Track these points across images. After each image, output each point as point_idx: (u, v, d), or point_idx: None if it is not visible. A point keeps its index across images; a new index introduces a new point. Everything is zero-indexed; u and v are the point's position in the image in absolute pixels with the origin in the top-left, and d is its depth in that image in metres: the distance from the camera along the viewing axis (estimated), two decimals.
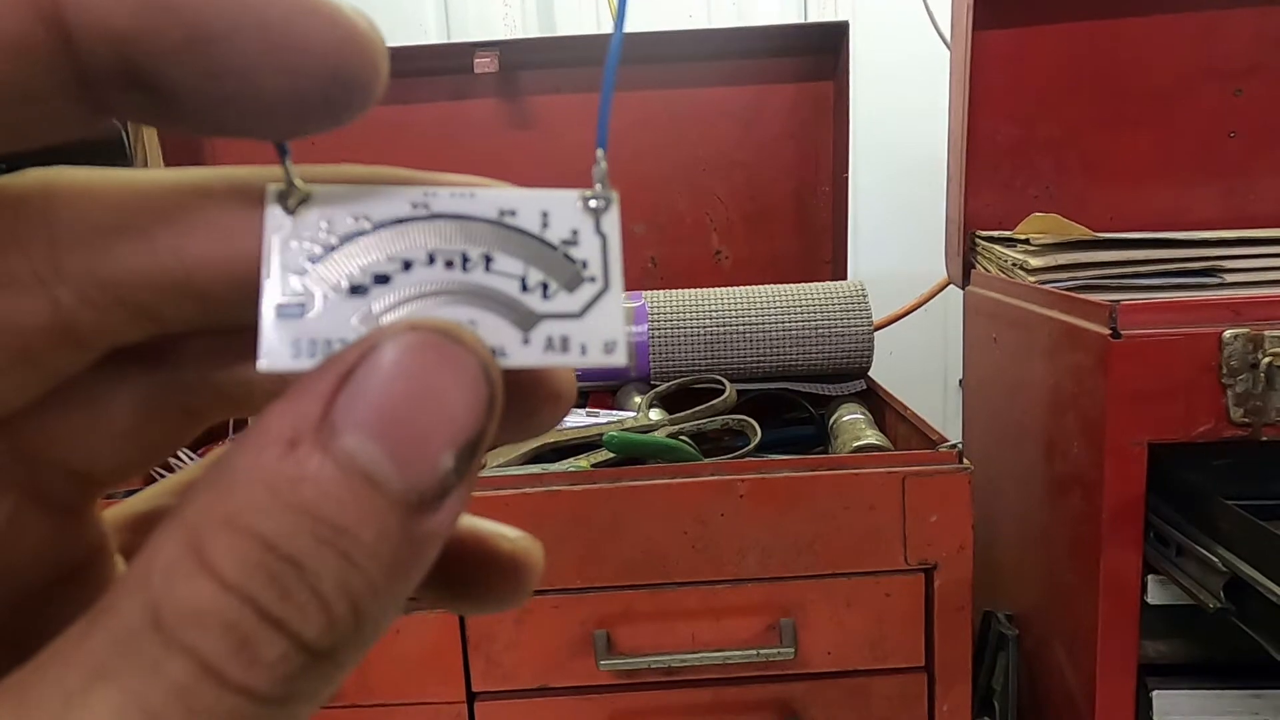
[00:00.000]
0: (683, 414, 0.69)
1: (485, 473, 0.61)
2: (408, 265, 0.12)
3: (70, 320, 0.11)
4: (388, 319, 0.11)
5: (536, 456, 0.66)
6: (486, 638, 0.57)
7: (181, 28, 0.09)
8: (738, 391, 0.72)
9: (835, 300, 0.77)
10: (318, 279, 0.11)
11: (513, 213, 0.12)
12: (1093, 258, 0.67)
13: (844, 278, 0.91)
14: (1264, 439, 0.53)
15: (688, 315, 0.76)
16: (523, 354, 0.12)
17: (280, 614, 0.09)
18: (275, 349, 0.11)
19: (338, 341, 0.11)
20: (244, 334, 0.12)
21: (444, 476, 0.10)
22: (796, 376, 0.77)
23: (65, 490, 0.13)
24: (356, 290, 0.12)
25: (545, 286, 0.12)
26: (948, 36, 0.89)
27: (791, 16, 1.12)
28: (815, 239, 0.94)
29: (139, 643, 0.09)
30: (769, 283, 0.80)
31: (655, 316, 0.76)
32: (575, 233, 0.12)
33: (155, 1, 0.09)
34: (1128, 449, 0.55)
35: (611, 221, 0.13)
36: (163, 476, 0.16)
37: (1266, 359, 0.52)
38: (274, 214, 0.12)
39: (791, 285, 0.79)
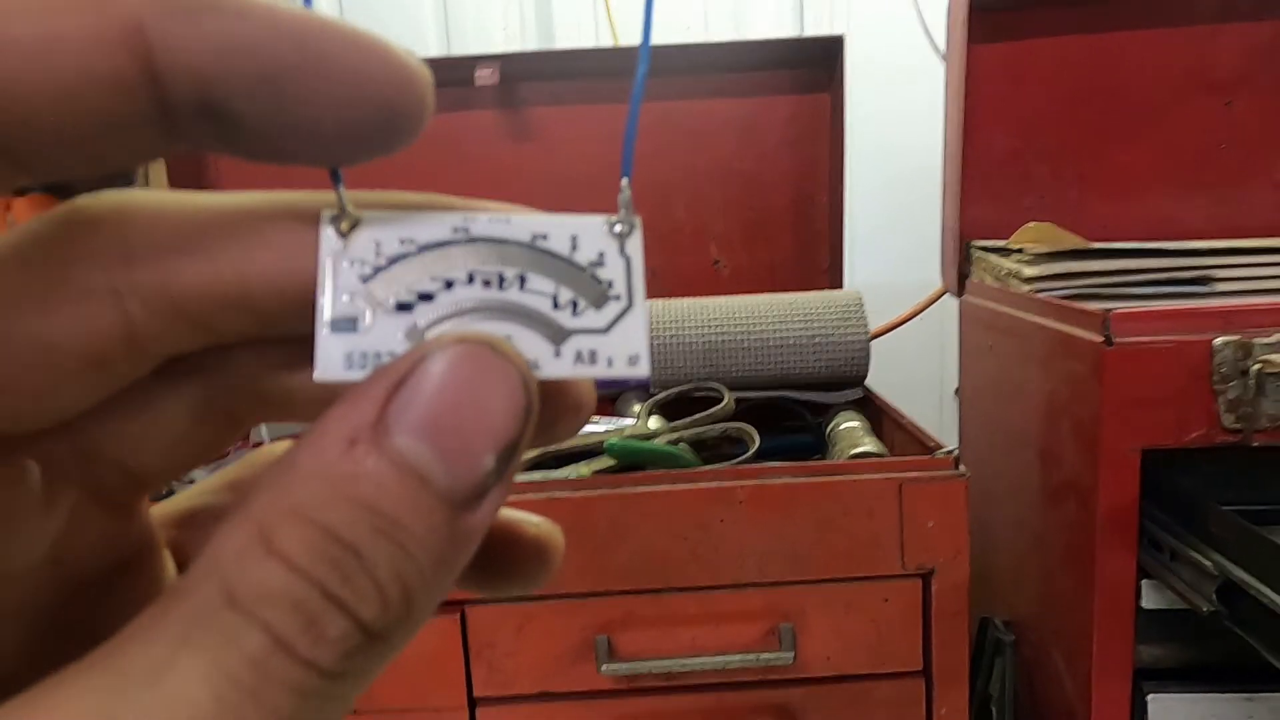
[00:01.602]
0: (682, 421, 0.70)
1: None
2: (449, 284, 0.13)
3: (137, 330, 0.12)
4: (432, 334, 0.12)
5: (538, 463, 0.66)
6: (488, 644, 0.57)
7: (256, 68, 0.10)
8: (736, 400, 0.72)
9: (832, 309, 0.78)
10: (368, 297, 0.12)
11: (545, 236, 0.13)
12: (1086, 267, 0.68)
13: (841, 287, 0.92)
14: (1255, 445, 0.54)
15: (687, 324, 0.77)
16: (555, 366, 0.13)
17: (342, 596, 0.10)
18: (330, 361, 0.12)
19: (386, 354, 0.12)
20: (289, 345, 0.13)
21: (485, 476, 0.11)
22: (794, 385, 0.78)
23: (121, 488, 0.13)
24: (403, 307, 0.12)
25: (575, 304, 0.13)
26: (943, 50, 0.90)
27: (788, 30, 1.14)
28: (812, 248, 0.95)
29: (217, 618, 0.09)
30: (767, 292, 0.81)
31: (655, 325, 0.77)
32: (602, 255, 0.13)
33: (234, 45, 0.10)
34: (1122, 455, 0.55)
35: (635, 245, 0.14)
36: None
37: (1257, 366, 0.53)
38: (328, 236, 0.12)
39: (789, 294, 0.79)
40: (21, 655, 0.13)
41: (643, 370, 0.13)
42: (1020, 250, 0.71)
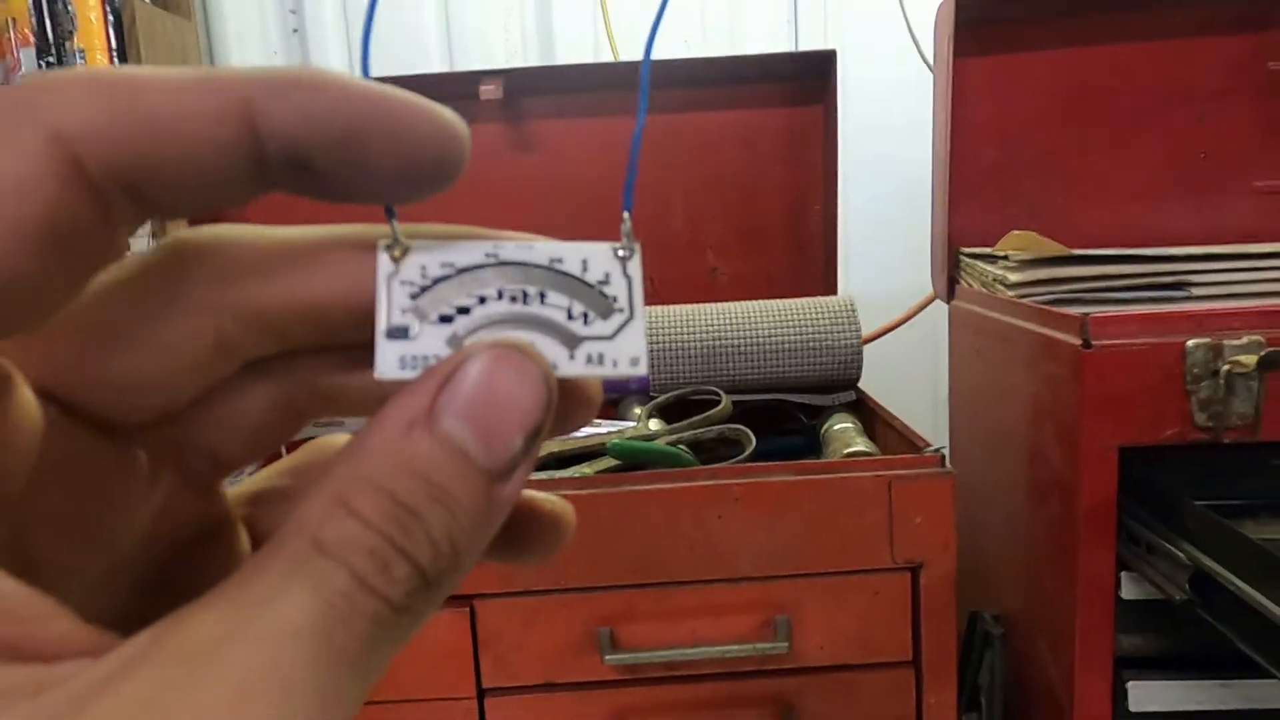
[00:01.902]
0: (680, 424, 0.72)
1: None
2: (483, 299, 0.16)
3: (228, 339, 0.14)
4: (469, 341, 0.15)
5: (542, 465, 0.69)
6: (495, 637, 0.60)
7: (334, 132, 0.13)
8: (733, 402, 0.75)
9: (826, 315, 0.81)
10: (417, 311, 0.15)
11: (560, 260, 0.16)
12: (1068, 273, 0.71)
13: (834, 293, 0.95)
14: (1226, 442, 0.56)
15: (685, 330, 0.80)
16: (569, 366, 0.15)
17: (406, 547, 0.13)
18: (386, 363, 0.15)
19: (432, 357, 0.15)
20: (346, 351, 0.16)
21: (515, 455, 0.14)
22: (789, 388, 0.81)
23: (207, 471, 0.16)
24: (445, 319, 0.15)
25: (586, 315, 0.16)
26: (932, 63, 0.93)
27: (783, 45, 1.17)
28: (807, 256, 0.98)
29: (311, 562, 0.12)
30: (762, 298, 0.83)
31: (655, 331, 0.79)
32: (608, 275, 0.16)
33: (316, 114, 0.13)
34: (1100, 453, 0.58)
35: (635, 266, 0.16)
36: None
37: (1227, 366, 0.56)
38: (384, 261, 0.15)
39: (784, 300, 0.82)
40: (128, 608, 0.16)
41: (642, 370, 0.16)
42: (1005, 257, 0.74)
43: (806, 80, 0.95)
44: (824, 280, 0.97)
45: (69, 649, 0.11)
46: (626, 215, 0.17)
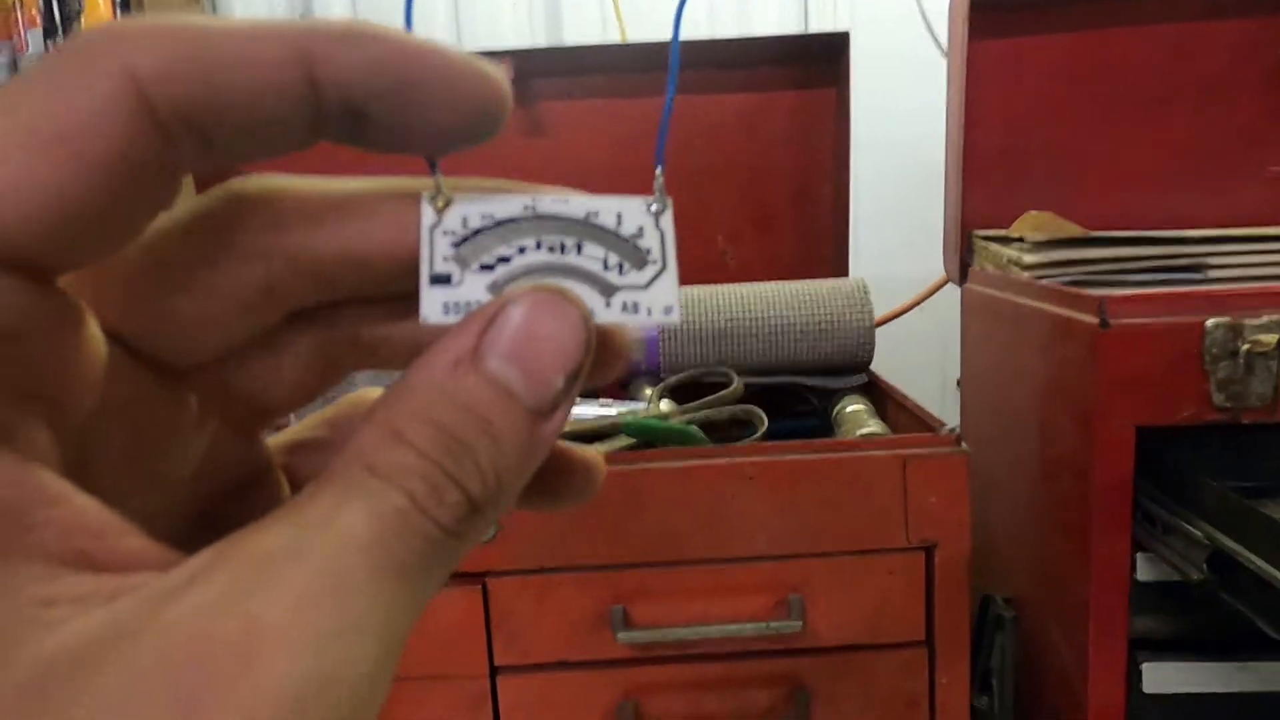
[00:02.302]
0: (692, 405, 0.72)
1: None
2: (522, 250, 0.16)
3: (277, 286, 0.15)
4: (510, 288, 0.15)
5: None
6: (508, 615, 0.60)
7: (388, 81, 0.13)
8: (744, 384, 0.75)
9: (838, 297, 0.80)
10: (459, 259, 0.15)
11: (596, 213, 0.16)
12: (1084, 255, 0.70)
13: (845, 276, 0.94)
14: (1245, 422, 0.56)
15: (696, 312, 0.79)
16: (605, 314, 0.16)
17: (456, 474, 0.13)
18: (432, 308, 0.15)
19: (475, 303, 0.15)
20: (385, 303, 0.16)
21: (556, 394, 0.14)
22: (801, 370, 0.80)
23: (250, 417, 0.17)
24: (486, 267, 0.16)
25: (621, 266, 0.16)
26: (945, 46, 0.93)
27: (793, 27, 1.16)
28: (817, 240, 0.97)
29: (368, 483, 0.12)
30: (773, 281, 0.83)
31: None
32: (641, 229, 0.16)
33: (372, 64, 0.13)
34: (1116, 433, 0.58)
35: (667, 221, 0.17)
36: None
37: (1246, 346, 0.55)
38: (427, 212, 0.15)
39: (795, 283, 0.82)
40: (178, 543, 0.16)
41: (675, 318, 0.16)
42: (1021, 239, 0.74)
43: (818, 62, 0.94)
44: (834, 263, 0.96)
45: (139, 562, 0.12)
46: (659, 171, 0.17)
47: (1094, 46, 0.86)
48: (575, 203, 0.16)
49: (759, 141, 0.97)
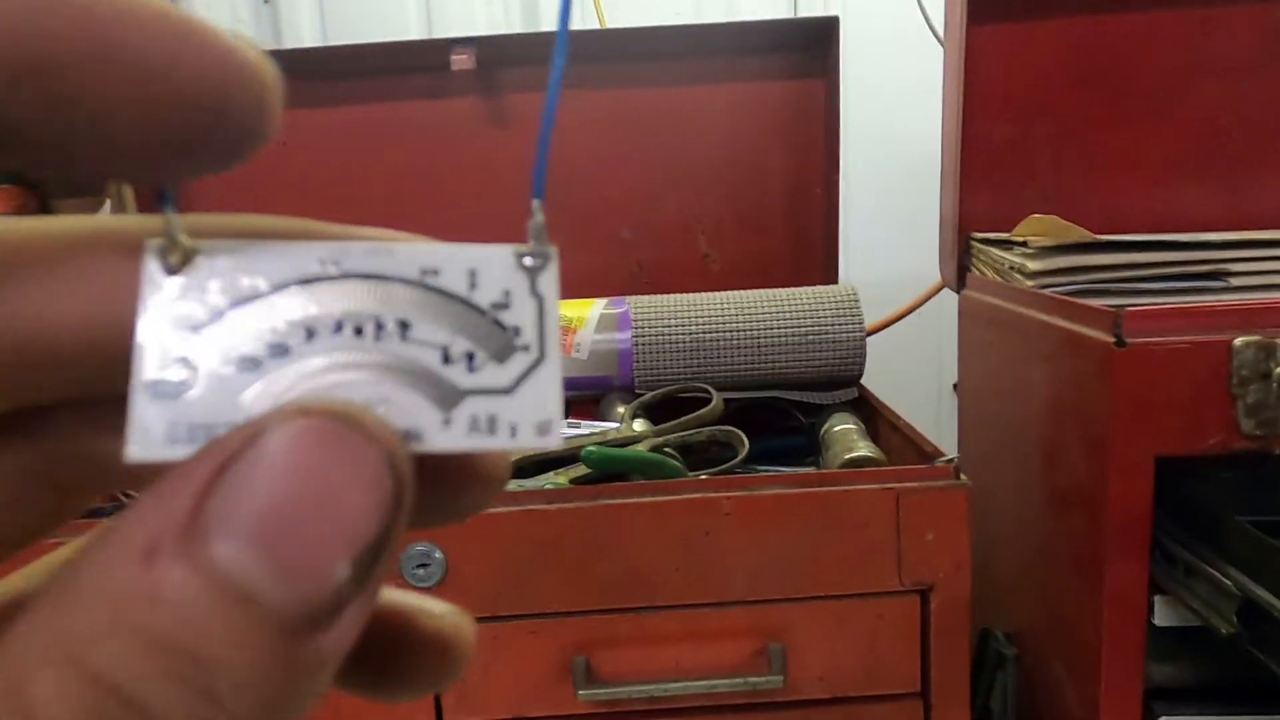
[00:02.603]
0: (668, 425, 0.66)
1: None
2: (311, 334, 0.10)
3: None
4: (286, 399, 0.10)
5: (513, 471, 0.63)
6: None
7: (20, 53, 0.08)
8: (725, 400, 0.69)
9: (826, 305, 0.74)
10: (202, 351, 0.10)
11: (435, 271, 0.11)
12: (1093, 261, 0.64)
13: (835, 281, 0.88)
14: (1277, 452, 0.50)
15: (673, 321, 0.73)
16: (443, 437, 0.10)
17: None
18: (148, 434, 0.10)
19: (223, 426, 0.10)
20: (120, 403, 0.10)
21: (339, 589, 0.09)
22: (786, 384, 0.75)
23: None
24: (248, 364, 0.10)
25: (471, 358, 0.11)
26: (941, 32, 0.86)
27: (781, 11, 1.10)
28: (806, 241, 0.91)
29: None
30: (758, 287, 0.77)
31: (640, 323, 0.73)
32: (507, 294, 0.11)
33: (36, 14, 0.08)
34: (1134, 463, 0.52)
35: (549, 282, 0.11)
36: None
37: (1279, 369, 0.49)
38: (152, 272, 0.10)
39: (781, 290, 0.76)
40: None
41: (554, 442, 0.11)
42: (1024, 243, 0.68)
43: (806, 50, 0.88)
44: (824, 268, 0.90)
45: None
46: (536, 203, 0.12)
47: (1104, 31, 0.80)
48: (403, 254, 0.11)
49: (744, 135, 0.90)
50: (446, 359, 0.11)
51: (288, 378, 0.10)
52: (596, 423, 0.69)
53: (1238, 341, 0.50)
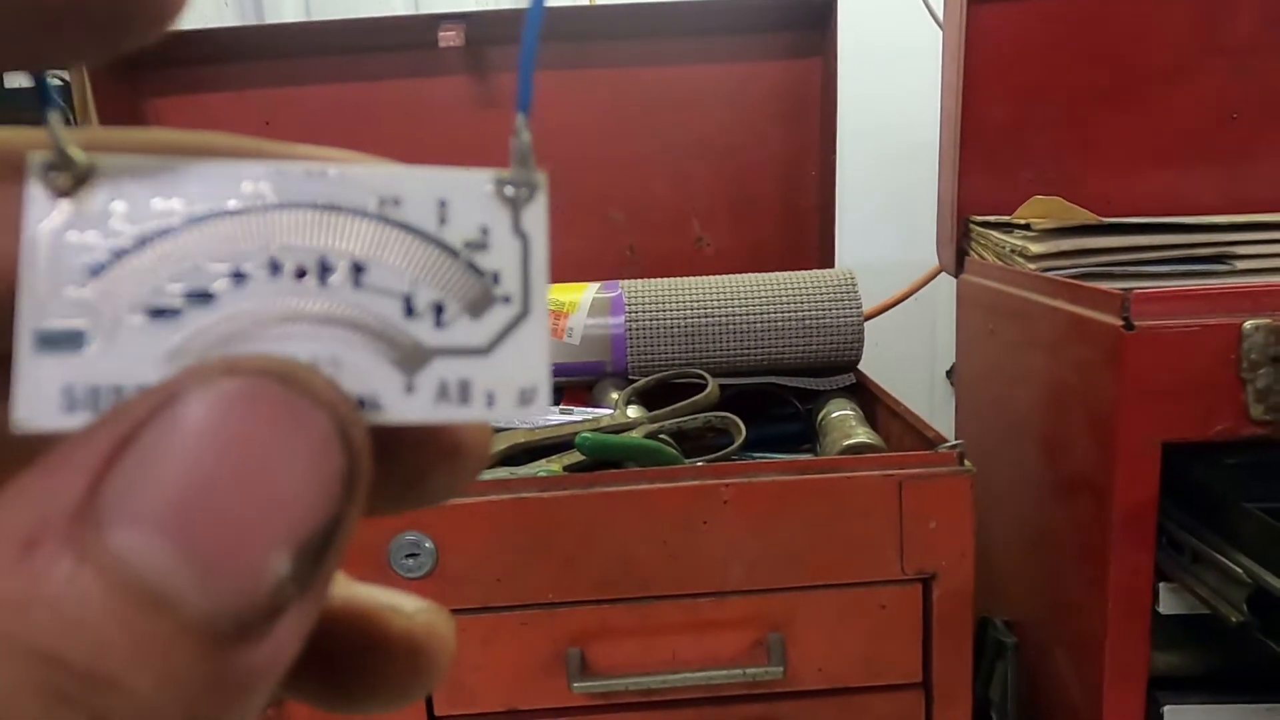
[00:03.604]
0: (662, 411, 0.65)
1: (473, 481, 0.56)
2: (241, 277, 0.08)
3: None
4: (210, 356, 0.08)
5: (505, 459, 0.61)
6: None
7: None
8: (721, 386, 0.67)
9: (823, 289, 0.73)
10: (105, 295, 0.08)
11: (396, 201, 0.09)
12: (1098, 244, 0.63)
13: (832, 265, 0.87)
14: None
15: (668, 306, 0.72)
16: (405, 406, 0.08)
17: None
18: (39, 397, 0.08)
19: (134, 389, 0.08)
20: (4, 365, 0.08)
21: (276, 588, 0.07)
22: (783, 370, 0.73)
23: None
24: (163, 313, 0.08)
25: (439, 310, 0.09)
26: (939, 12, 0.85)
27: None
28: (802, 225, 0.90)
29: None
30: (753, 271, 0.75)
31: (633, 308, 0.71)
32: (485, 231, 0.09)
33: None
34: (1140, 449, 0.51)
35: (536, 217, 0.09)
36: None
37: None
38: (38, 197, 0.08)
39: (777, 274, 0.74)
40: None
41: (539, 411, 0.09)
42: (1026, 226, 0.66)
43: (803, 30, 0.86)
44: (820, 252, 0.89)
45: None
46: (521, 118, 0.10)
47: (1106, 11, 0.78)
48: (356, 180, 0.09)
49: (738, 117, 0.88)
50: (410, 311, 0.09)
51: (212, 331, 0.08)
52: (590, 409, 0.67)
53: (1247, 325, 0.49)
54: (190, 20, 1.19)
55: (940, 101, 0.82)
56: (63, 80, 1.08)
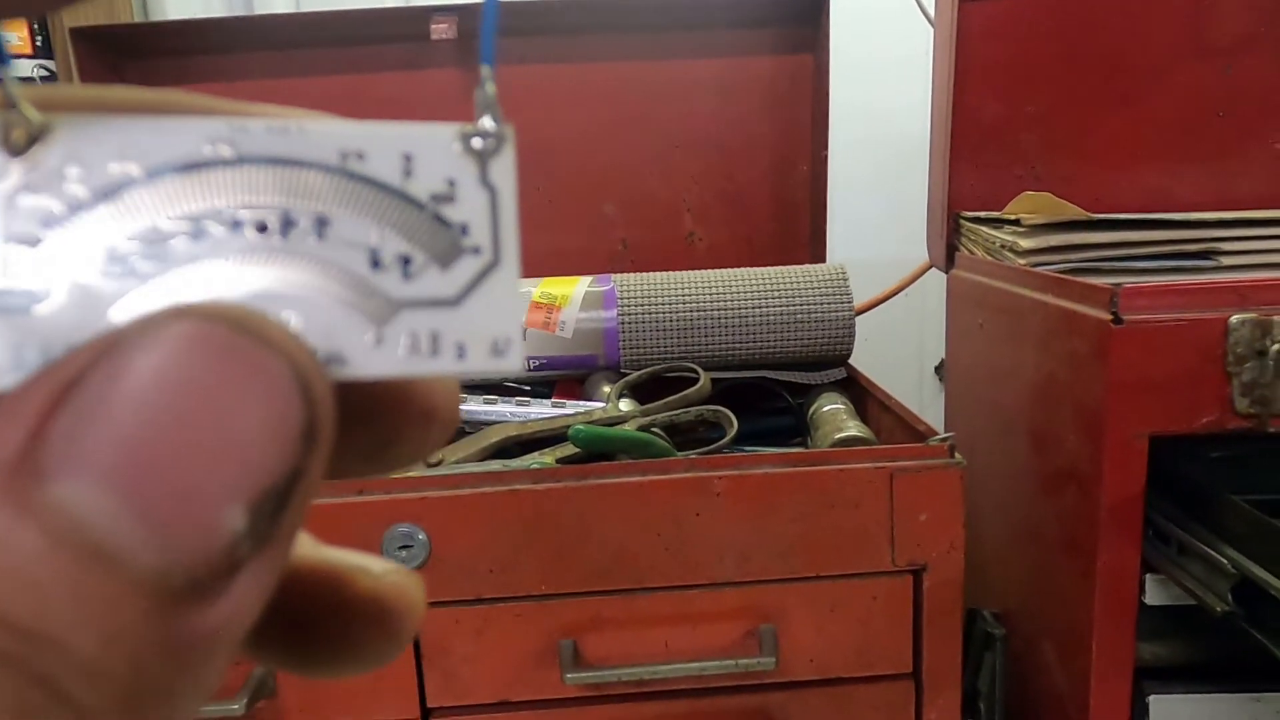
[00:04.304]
0: (655, 405, 0.65)
1: (437, 470, 0.56)
2: (200, 233, 0.08)
3: None
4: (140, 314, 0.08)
5: (498, 451, 0.61)
6: (442, 650, 0.52)
7: None
8: (713, 380, 0.67)
9: (815, 284, 0.73)
10: (58, 255, 0.08)
11: (360, 155, 0.09)
12: (1086, 239, 0.64)
13: (823, 260, 0.87)
14: (1271, 431, 0.50)
15: (660, 300, 0.72)
16: (374, 360, 0.08)
17: None
18: None
19: (76, 344, 0.08)
20: None
21: (231, 543, 0.07)
22: (774, 364, 0.73)
23: None
24: (119, 271, 0.08)
25: (406, 262, 0.09)
26: (930, 9, 0.85)
27: None
28: (793, 220, 0.90)
29: None
30: (745, 266, 0.76)
31: (625, 301, 0.71)
32: (452, 184, 0.09)
33: None
34: (1128, 442, 0.51)
35: (504, 169, 0.09)
36: None
37: (1275, 346, 0.49)
38: None
39: (769, 268, 0.75)
40: None
41: (512, 362, 0.09)
42: (1015, 221, 0.67)
43: (795, 25, 0.86)
44: (811, 247, 0.89)
45: None
46: (486, 69, 0.10)
47: (1096, 9, 0.79)
48: (318, 134, 0.09)
49: (731, 112, 0.89)
50: (376, 263, 0.09)
51: (170, 287, 0.08)
52: (582, 402, 0.67)
53: (1233, 319, 0.50)
54: (180, 11, 1.18)
55: (931, 98, 0.82)
56: (49, 71, 1.07)
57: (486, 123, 0.09)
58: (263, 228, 0.08)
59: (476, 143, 0.09)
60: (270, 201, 0.08)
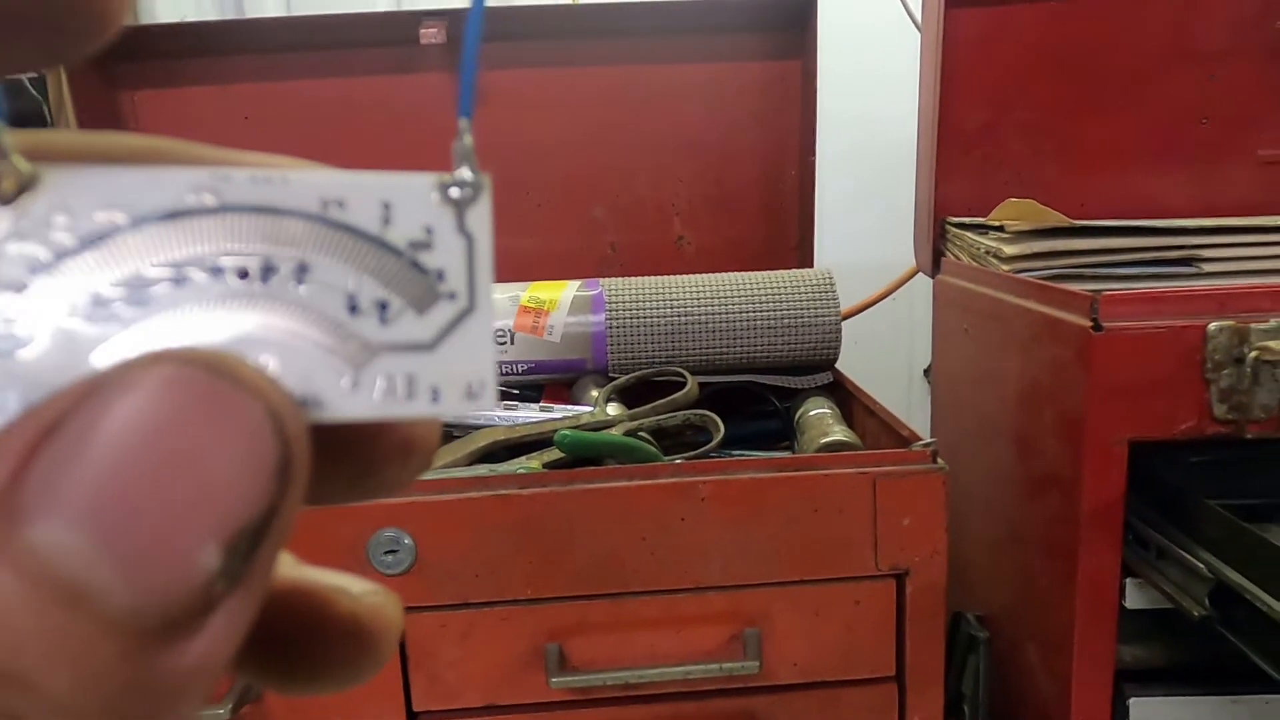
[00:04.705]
0: (642, 409, 0.65)
1: (423, 475, 0.57)
2: (182, 280, 0.08)
3: None
4: (121, 359, 0.08)
5: (485, 455, 0.61)
6: (428, 654, 0.53)
7: None
8: (700, 384, 0.68)
9: (802, 289, 0.74)
10: (44, 299, 0.08)
11: (340, 204, 0.09)
12: (1069, 245, 0.64)
13: (810, 265, 0.88)
14: (1249, 436, 0.51)
15: (648, 304, 0.72)
16: (350, 403, 0.08)
17: None
18: None
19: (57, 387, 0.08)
20: None
21: (206, 582, 0.07)
22: (761, 368, 0.74)
23: None
24: (101, 316, 0.08)
25: (384, 307, 0.09)
26: (918, 16, 0.86)
27: None
28: (781, 224, 0.91)
29: None
30: (733, 270, 0.76)
31: (613, 305, 0.72)
32: (429, 231, 0.09)
33: None
34: (1108, 447, 0.52)
35: (480, 217, 0.09)
36: None
37: (1253, 353, 0.50)
38: None
39: (756, 273, 0.75)
40: None
41: (485, 406, 0.09)
42: (1000, 227, 0.67)
43: (784, 31, 0.87)
44: (799, 251, 0.90)
45: None
46: (464, 122, 0.10)
47: (1081, 17, 0.80)
48: (300, 184, 0.09)
49: (719, 117, 0.89)
50: (354, 308, 0.09)
51: (152, 332, 0.08)
52: (570, 406, 0.67)
53: (1212, 326, 0.50)
54: (170, 14, 1.17)
55: (918, 104, 0.83)
56: (39, 75, 1.06)
57: (464, 173, 0.10)
58: (244, 274, 0.08)
59: (454, 192, 0.09)
60: (252, 248, 0.09)
